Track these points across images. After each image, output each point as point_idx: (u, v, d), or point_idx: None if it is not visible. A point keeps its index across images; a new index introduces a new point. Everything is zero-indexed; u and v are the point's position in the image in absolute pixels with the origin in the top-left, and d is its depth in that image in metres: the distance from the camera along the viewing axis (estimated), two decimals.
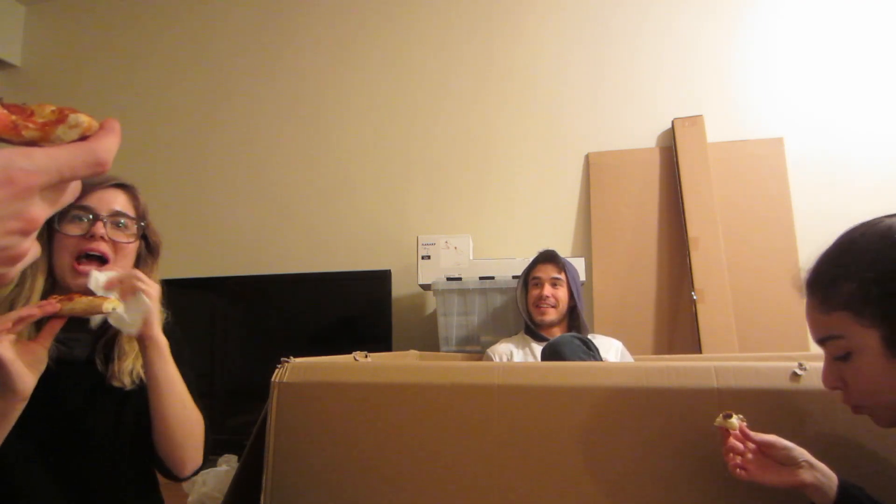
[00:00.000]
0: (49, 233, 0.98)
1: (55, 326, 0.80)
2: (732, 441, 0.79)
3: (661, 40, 2.40)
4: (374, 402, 1.04)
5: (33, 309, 0.76)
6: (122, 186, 1.05)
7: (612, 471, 0.91)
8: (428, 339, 2.31)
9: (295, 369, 1.10)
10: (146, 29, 2.96)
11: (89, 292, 0.95)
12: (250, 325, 2.35)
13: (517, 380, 0.99)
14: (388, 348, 2.13)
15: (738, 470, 0.77)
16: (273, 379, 1.10)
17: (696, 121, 2.27)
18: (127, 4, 3.00)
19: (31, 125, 0.33)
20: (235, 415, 2.18)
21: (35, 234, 0.34)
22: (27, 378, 0.77)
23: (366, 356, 1.31)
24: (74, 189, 0.36)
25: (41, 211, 0.33)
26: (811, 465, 0.76)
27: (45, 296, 0.97)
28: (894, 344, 0.66)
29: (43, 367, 0.81)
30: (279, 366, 1.11)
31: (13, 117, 0.32)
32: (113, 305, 0.78)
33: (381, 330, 2.15)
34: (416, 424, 1.01)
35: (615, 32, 2.44)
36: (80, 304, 0.77)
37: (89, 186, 1.01)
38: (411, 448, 1.00)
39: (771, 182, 2.19)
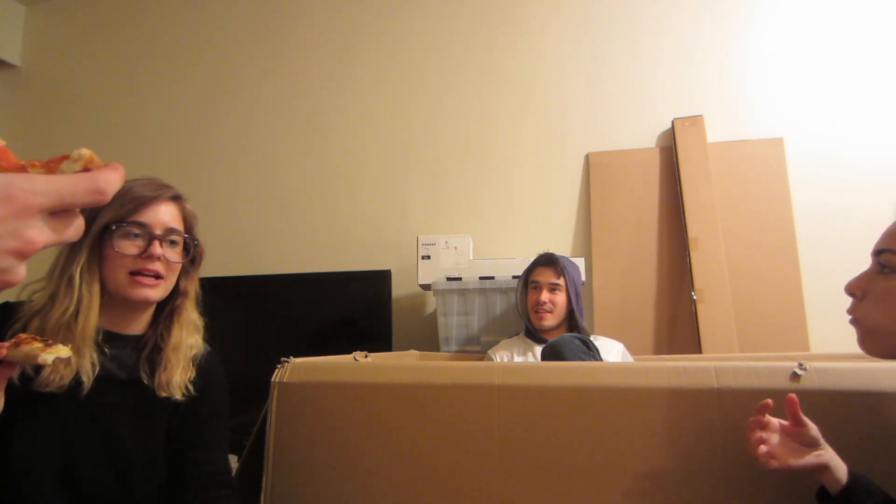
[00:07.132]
0: (98, 247, 0.95)
1: (4, 373, 0.74)
2: (758, 432, 0.78)
3: (661, 40, 2.40)
4: (374, 402, 1.04)
5: None
6: (173, 198, 1.04)
7: (612, 471, 0.91)
8: (428, 339, 2.31)
9: (295, 369, 1.10)
10: (146, 29, 2.96)
11: (144, 305, 0.98)
12: (250, 325, 2.35)
13: (517, 380, 0.99)
14: (388, 348, 2.13)
15: (769, 459, 0.75)
16: (273, 379, 1.10)
17: (696, 121, 2.27)
18: (127, 4, 3.01)
19: (36, 163, 0.35)
20: (235, 415, 2.17)
21: (26, 261, 0.34)
22: None
23: (366, 356, 1.31)
24: (77, 227, 0.36)
25: (40, 235, 0.33)
26: (826, 446, 0.76)
27: (101, 311, 0.95)
28: None
29: None
30: (279, 366, 1.11)
31: (22, 162, 0.34)
32: (53, 356, 0.70)
33: (381, 330, 2.15)
34: (416, 424, 1.01)
35: (615, 32, 2.44)
36: (20, 352, 0.70)
37: (145, 199, 0.98)
38: (411, 448, 1.00)
39: (771, 182, 2.19)
